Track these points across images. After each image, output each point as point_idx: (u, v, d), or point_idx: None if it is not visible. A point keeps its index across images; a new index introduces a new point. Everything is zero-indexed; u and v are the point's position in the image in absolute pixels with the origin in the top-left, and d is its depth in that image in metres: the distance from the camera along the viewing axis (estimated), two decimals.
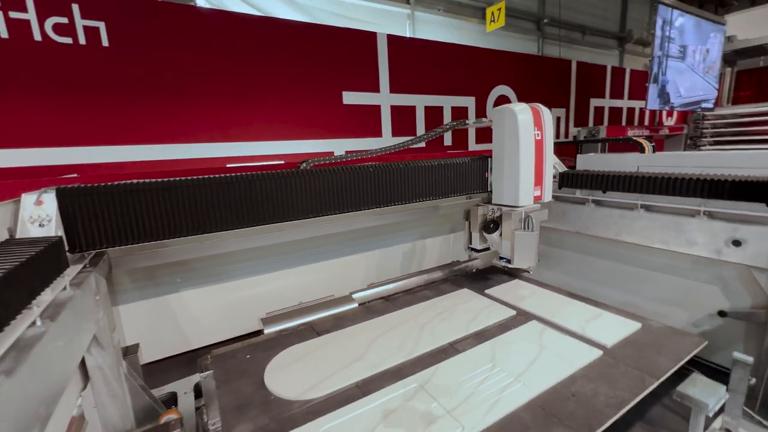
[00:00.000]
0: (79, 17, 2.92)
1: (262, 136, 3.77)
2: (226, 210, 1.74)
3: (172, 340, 2.32)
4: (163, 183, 1.59)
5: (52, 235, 1.36)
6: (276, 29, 3.63)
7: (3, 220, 1.31)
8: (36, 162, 2.87)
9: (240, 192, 1.78)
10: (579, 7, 7.24)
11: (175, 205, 1.62)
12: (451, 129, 2.89)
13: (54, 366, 0.98)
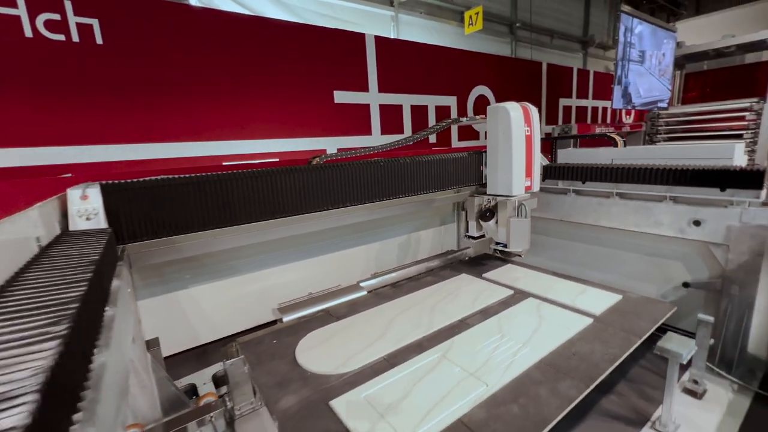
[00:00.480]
0: (72, 14, 2.86)
1: (257, 135, 3.82)
2: (252, 203, 1.85)
3: (182, 335, 2.37)
4: (197, 177, 1.67)
5: (100, 227, 1.42)
6: (270, 29, 3.69)
7: (53, 214, 1.37)
8: (26, 162, 2.80)
9: (265, 185, 1.88)
10: (547, 13, 7.72)
11: (208, 198, 1.71)
12: (449, 125, 3.10)
13: (122, 348, 1.07)
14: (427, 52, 5.02)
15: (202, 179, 1.69)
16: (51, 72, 2.80)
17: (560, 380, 1.54)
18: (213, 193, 1.72)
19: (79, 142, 2.96)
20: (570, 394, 1.45)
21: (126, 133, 3.14)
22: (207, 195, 1.71)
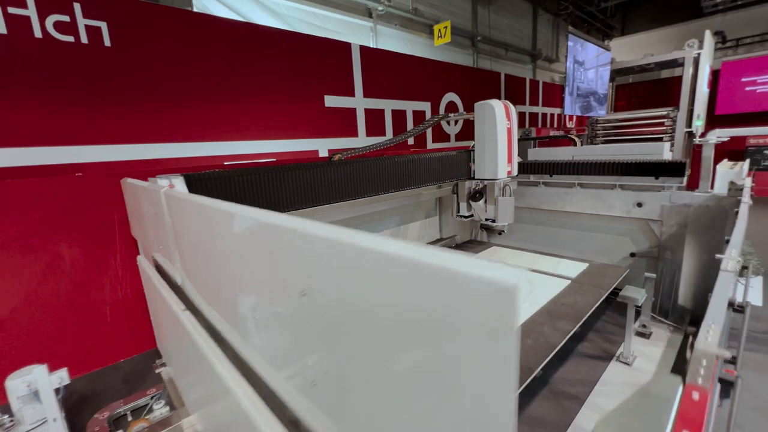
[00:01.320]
0: (81, 16, 2.89)
1: (255, 137, 4.00)
2: (302, 191, 2.13)
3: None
4: (262, 168, 1.94)
5: None
6: (268, 37, 3.92)
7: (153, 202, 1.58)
8: (35, 161, 2.79)
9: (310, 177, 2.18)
10: (502, 28, 8.57)
11: (272, 186, 1.97)
12: (437, 122, 3.56)
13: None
14: (405, 61, 5.48)
15: (267, 170, 1.95)
16: (59, 72, 2.84)
17: (557, 321, 2.02)
18: (273, 182, 1.99)
19: (87, 142, 3.00)
20: (566, 329, 1.92)
21: (131, 134, 3.21)
22: (272, 183, 1.97)
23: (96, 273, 2.76)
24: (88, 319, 2.74)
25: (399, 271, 0.41)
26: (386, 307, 0.44)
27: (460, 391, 0.38)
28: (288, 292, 0.60)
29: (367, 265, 0.46)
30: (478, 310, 0.35)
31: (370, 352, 0.48)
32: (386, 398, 0.47)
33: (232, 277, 0.84)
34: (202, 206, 0.95)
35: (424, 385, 0.42)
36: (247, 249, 0.74)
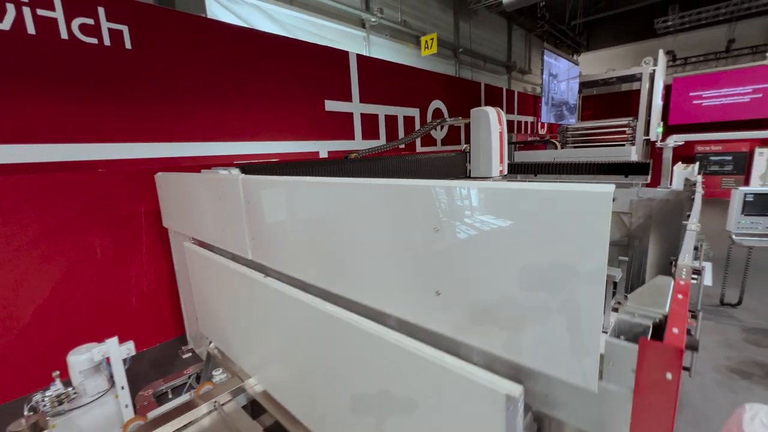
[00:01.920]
0: (105, 19, 3.01)
1: (263, 138, 4.20)
2: None
3: None
4: (298, 163, 2.19)
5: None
6: (276, 44, 4.16)
7: (226, 189, 1.80)
8: (56, 158, 2.88)
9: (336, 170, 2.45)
10: (481, 41, 9.16)
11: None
12: (435, 127, 3.91)
13: None
14: (396, 69, 5.84)
15: (313, 163, 2.21)
16: (81, 72, 2.95)
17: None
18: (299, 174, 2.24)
19: (107, 140, 3.11)
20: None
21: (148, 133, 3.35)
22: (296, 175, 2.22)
23: (124, 264, 2.88)
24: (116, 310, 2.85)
25: (520, 199, 0.73)
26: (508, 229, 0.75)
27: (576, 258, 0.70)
28: (422, 230, 0.89)
29: (495, 200, 0.77)
30: (583, 215, 0.67)
31: (493, 260, 0.79)
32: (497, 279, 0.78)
33: (348, 236, 1.12)
34: (319, 183, 1.21)
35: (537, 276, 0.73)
36: (372, 209, 1.02)
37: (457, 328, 0.87)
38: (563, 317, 0.70)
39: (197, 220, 2.09)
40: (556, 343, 0.71)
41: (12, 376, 2.46)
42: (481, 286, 0.81)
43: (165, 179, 2.50)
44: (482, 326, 0.82)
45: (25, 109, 2.70)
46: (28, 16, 2.68)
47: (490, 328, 0.81)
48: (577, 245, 0.67)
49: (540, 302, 0.73)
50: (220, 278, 1.89)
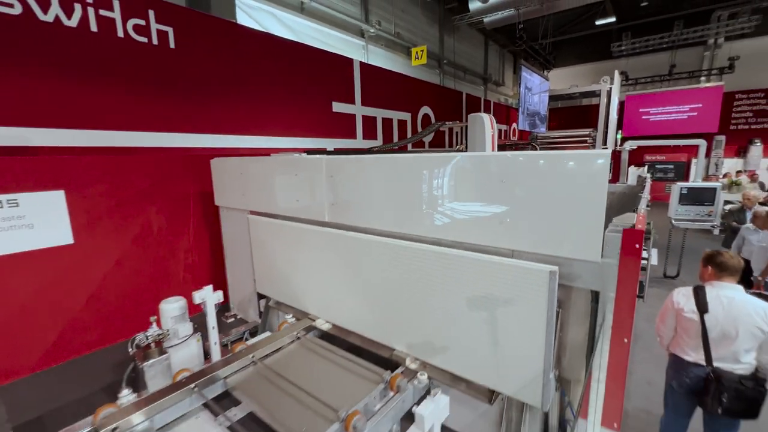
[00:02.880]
0: (154, 21, 3.34)
1: (278, 133, 4.62)
2: None
3: None
4: (352, 150, 2.68)
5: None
6: (294, 49, 4.61)
7: (308, 169, 2.27)
8: (104, 143, 3.18)
9: None
10: (462, 54, 9.99)
11: None
12: (436, 129, 4.51)
13: None
14: (392, 77, 6.42)
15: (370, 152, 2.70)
16: (134, 68, 3.29)
17: None
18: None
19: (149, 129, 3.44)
20: None
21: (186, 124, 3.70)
22: None
23: (176, 236, 3.23)
24: (169, 277, 3.19)
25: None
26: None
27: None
28: (493, 182, 1.44)
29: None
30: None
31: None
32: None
33: (435, 191, 1.65)
34: (399, 157, 1.74)
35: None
36: (453, 171, 1.57)
37: (514, 242, 1.44)
38: (583, 224, 1.28)
39: (263, 196, 2.53)
40: (578, 237, 1.29)
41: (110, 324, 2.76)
42: (531, 215, 1.38)
43: (221, 163, 2.90)
44: (531, 238, 1.39)
45: (86, 99, 3.00)
46: (91, 15, 3.00)
47: (536, 239, 1.38)
48: (581, 189, 1.26)
49: (567, 221, 1.31)
50: (291, 240, 2.35)
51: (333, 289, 2.17)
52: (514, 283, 1.41)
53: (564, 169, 1.32)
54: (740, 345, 1.39)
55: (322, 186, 2.12)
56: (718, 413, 1.40)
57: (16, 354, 2.48)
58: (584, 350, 1.48)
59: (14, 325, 2.46)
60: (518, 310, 1.41)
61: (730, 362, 1.40)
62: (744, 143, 10.20)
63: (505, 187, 1.44)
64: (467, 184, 1.56)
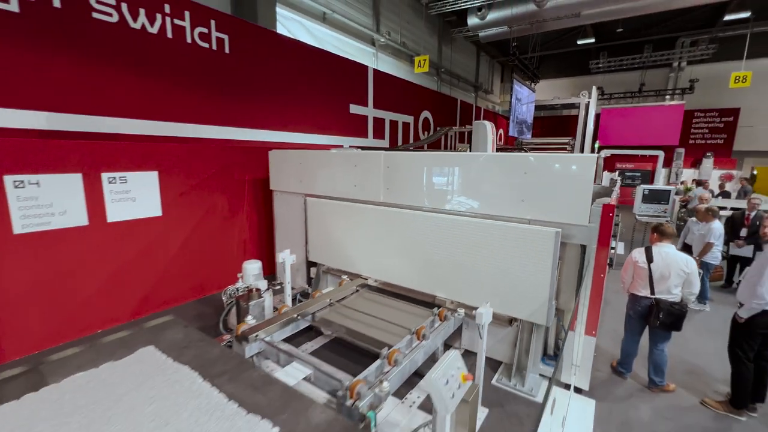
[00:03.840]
0: (214, 29, 3.86)
1: (307, 131, 5.19)
2: None
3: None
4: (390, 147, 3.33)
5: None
6: (321, 56, 5.20)
7: (367, 160, 2.91)
8: (168, 133, 3.69)
9: None
10: (457, 63, 10.79)
11: None
12: (444, 133, 5.22)
13: None
14: (399, 83, 7.09)
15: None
16: (198, 69, 3.82)
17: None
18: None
19: (208, 122, 3.97)
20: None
21: (233, 119, 4.25)
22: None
23: (233, 214, 3.79)
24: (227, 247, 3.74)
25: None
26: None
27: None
28: (518, 173, 2.14)
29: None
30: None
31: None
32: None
33: (471, 180, 2.35)
34: (441, 155, 2.41)
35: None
36: (487, 167, 2.27)
37: (532, 213, 2.15)
38: (577, 201, 2.01)
39: (322, 182, 3.15)
40: (573, 210, 2.02)
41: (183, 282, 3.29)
42: (543, 195, 2.10)
43: (279, 154, 3.50)
44: (543, 211, 2.11)
45: (162, 95, 3.52)
46: (168, 24, 3.52)
47: (546, 211, 2.10)
48: (576, 179, 1.99)
49: (567, 199, 2.03)
50: (348, 216, 2.98)
51: (384, 254, 2.83)
52: (531, 241, 2.12)
53: (567, 166, 2.04)
54: (671, 282, 2.15)
55: (380, 175, 2.77)
56: (657, 327, 2.16)
57: (121, 302, 3.00)
58: (573, 288, 2.21)
59: (123, 276, 2.98)
60: (533, 259, 2.12)
61: (665, 294, 2.16)
62: (700, 156, 11.50)
63: (527, 177, 2.15)
64: (500, 174, 2.26)
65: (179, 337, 1.55)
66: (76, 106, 2.98)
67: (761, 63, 9.85)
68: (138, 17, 3.31)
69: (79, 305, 2.75)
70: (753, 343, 2.05)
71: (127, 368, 1.31)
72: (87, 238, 2.72)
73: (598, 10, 7.63)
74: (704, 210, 3.68)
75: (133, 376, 1.26)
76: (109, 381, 1.23)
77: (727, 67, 10.30)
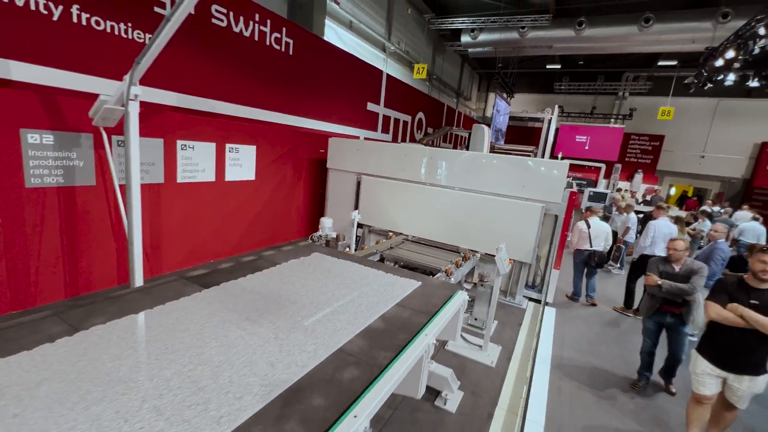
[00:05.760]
0: (285, 35, 4.80)
1: (335, 122, 6.27)
2: None
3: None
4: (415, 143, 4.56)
5: None
6: (353, 61, 6.28)
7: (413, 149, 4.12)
8: (248, 115, 4.63)
9: None
10: (445, 72, 12.16)
11: None
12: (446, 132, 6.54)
13: None
14: (403, 87, 8.30)
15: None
16: (273, 66, 4.78)
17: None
18: None
19: (275, 109, 4.95)
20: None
21: (296, 109, 5.24)
22: None
23: (296, 183, 4.82)
24: (291, 209, 4.77)
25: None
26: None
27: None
28: (521, 170, 3.48)
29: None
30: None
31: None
32: None
33: (487, 172, 3.67)
34: (465, 154, 3.71)
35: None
36: (496, 163, 3.60)
37: (528, 194, 3.52)
38: (555, 188, 3.40)
39: (375, 165, 4.32)
40: (551, 193, 3.41)
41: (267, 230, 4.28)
42: (535, 183, 3.47)
43: (338, 141, 4.60)
44: (536, 193, 3.48)
45: (247, 85, 4.46)
46: (256, 29, 4.46)
47: (537, 193, 3.47)
48: (556, 176, 3.38)
49: (550, 186, 3.41)
50: (395, 191, 4.17)
51: (422, 217, 4.07)
52: (526, 211, 3.48)
53: (551, 167, 3.41)
54: (600, 239, 3.69)
55: (424, 162, 4.00)
56: (593, 266, 3.70)
57: (224, 242, 3.97)
58: (548, 242, 3.62)
59: (227, 222, 3.94)
60: (526, 223, 3.49)
61: (597, 246, 3.69)
62: (633, 171, 13.96)
63: (527, 172, 3.50)
64: (511, 169, 3.59)
65: (327, 251, 2.69)
66: (193, 89, 3.87)
67: (682, 101, 12.29)
68: (238, 23, 4.23)
69: (202, 240, 3.71)
70: (638, 273, 3.63)
71: (311, 261, 2.45)
72: (212, 191, 3.68)
73: (565, 45, 9.34)
74: (626, 205, 5.36)
75: (328, 262, 2.41)
76: (308, 263, 2.38)
77: (657, 102, 12.67)
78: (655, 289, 2.49)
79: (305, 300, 1.77)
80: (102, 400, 0.98)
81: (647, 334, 2.63)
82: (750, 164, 12.60)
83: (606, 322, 3.62)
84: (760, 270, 1.88)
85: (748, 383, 1.90)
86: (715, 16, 7.44)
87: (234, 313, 1.56)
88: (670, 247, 2.58)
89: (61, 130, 2.50)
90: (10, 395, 0.98)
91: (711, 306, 2.00)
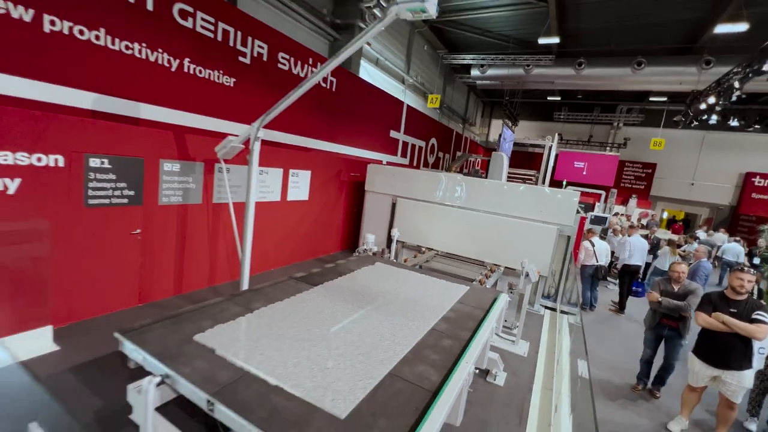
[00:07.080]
0: (330, 75, 5.59)
1: (363, 147, 7.00)
2: None
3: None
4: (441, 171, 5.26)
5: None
6: (381, 94, 7.07)
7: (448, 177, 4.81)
8: (302, 144, 5.33)
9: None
10: (454, 100, 13.10)
11: None
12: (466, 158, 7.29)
13: None
14: (420, 115, 9.12)
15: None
16: (318, 101, 5.53)
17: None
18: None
19: (316, 137, 5.67)
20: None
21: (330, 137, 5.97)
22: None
23: (337, 203, 5.47)
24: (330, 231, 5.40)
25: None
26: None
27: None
28: (536, 198, 4.17)
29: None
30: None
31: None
32: None
33: (510, 200, 4.37)
34: (489, 182, 4.41)
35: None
36: (516, 192, 4.29)
37: (544, 218, 4.20)
38: (567, 213, 4.08)
39: (410, 188, 4.99)
40: (564, 217, 4.09)
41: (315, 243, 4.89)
42: (551, 208, 4.16)
43: (375, 167, 5.29)
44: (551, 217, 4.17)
45: (299, 116, 5.18)
46: (309, 70, 5.22)
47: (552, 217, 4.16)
48: (568, 202, 4.08)
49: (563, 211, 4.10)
50: (428, 212, 4.83)
51: (452, 235, 4.72)
52: (543, 232, 4.15)
53: (565, 195, 4.11)
54: (603, 255, 4.34)
55: (456, 188, 4.69)
56: (599, 279, 4.33)
57: (281, 252, 4.58)
58: (562, 258, 4.27)
59: (286, 236, 4.57)
60: (543, 242, 4.15)
61: (602, 262, 4.35)
62: (627, 197, 14.81)
63: (544, 198, 4.18)
64: (531, 196, 4.28)
65: (386, 261, 3.32)
66: (268, 124, 4.56)
67: (672, 132, 13.27)
68: (297, 66, 4.99)
69: (267, 250, 4.32)
70: (624, 279, 4.32)
71: (377, 269, 3.07)
72: (278, 209, 4.32)
73: (566, 81, 10.30)
74: (628, 227, 6.07)
75: (390, 270, 3.03)
76: (378, 271, 3.00)
77: (649, 132, 13.66)
78: (655, 304, 3.11)
79: (390, 296, 2.41)
80: (302, 350, 1.63)
81: (647, 343, 3.24)
82: (736, 192, 13.50)
83: (602, 321, 4.26)
84: (738, 285, 2.53)
85: (737, 378, 2.49)
86: (699, 63, 8.40)
87: (348, 303, 2.20)
88: (675, 269, 3.18)
89: (184, 160, 3.17)
90: (252, 345, 1.64)
91: (699, 315, 2.64)
